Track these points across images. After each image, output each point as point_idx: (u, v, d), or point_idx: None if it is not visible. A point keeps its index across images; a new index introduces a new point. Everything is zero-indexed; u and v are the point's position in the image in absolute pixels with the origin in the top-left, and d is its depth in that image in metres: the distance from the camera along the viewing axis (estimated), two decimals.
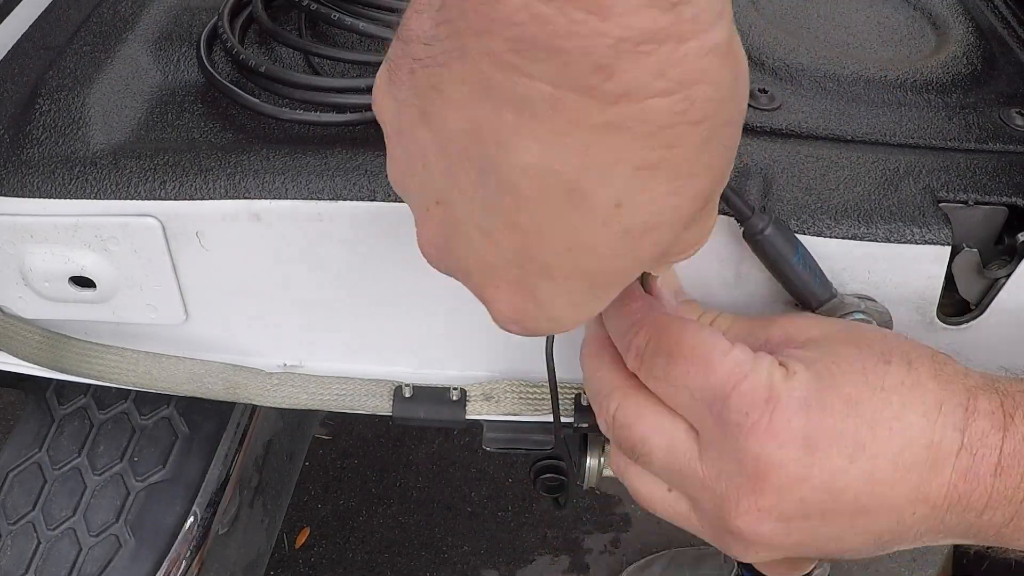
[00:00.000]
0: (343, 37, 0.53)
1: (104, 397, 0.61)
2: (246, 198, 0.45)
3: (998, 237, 0.45)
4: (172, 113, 0.50)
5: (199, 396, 0.52)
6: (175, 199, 0.45)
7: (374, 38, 0.47)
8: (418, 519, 1.50)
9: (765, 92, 0.49)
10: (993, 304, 0.45)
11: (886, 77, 0.50)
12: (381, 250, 0.46)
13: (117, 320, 0.50)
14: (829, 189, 0.44)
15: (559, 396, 0.52)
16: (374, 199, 0.44)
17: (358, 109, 0.46)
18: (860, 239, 0.43)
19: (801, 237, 0.42)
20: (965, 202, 0.44)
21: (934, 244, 0.42)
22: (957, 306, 0.46)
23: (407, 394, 0.51)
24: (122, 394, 0.61)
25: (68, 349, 0.52)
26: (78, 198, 0.45)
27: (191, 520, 0.57)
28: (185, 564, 0.57)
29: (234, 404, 0.61)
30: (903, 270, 0.43)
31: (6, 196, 0.45)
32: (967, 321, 0.46)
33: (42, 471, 0.59)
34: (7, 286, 0.49)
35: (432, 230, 0.31)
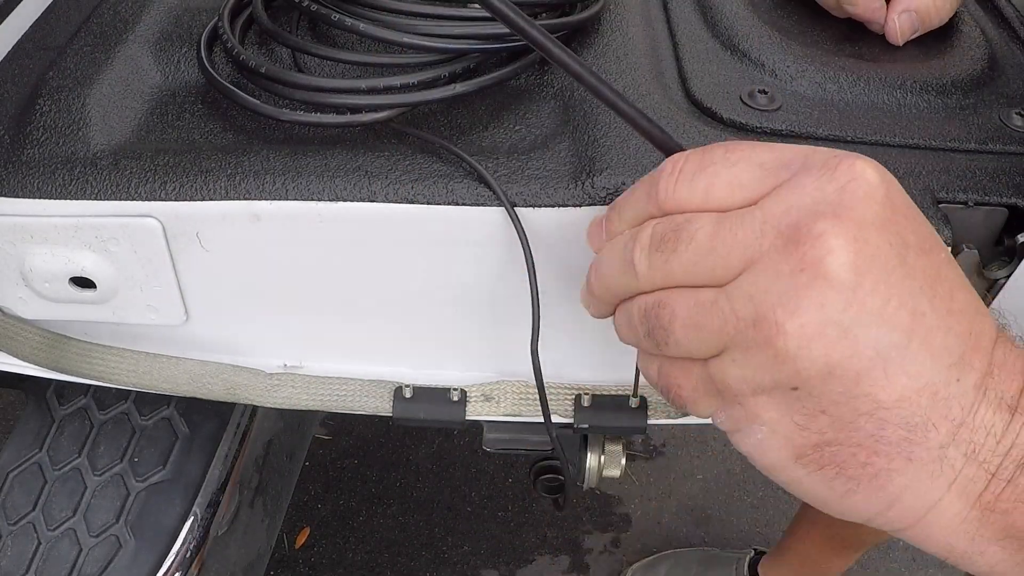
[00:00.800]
0: (343, 38, 0.53)
1: (104, 397, 0.61)
2: (246, 199, 0.45)
3: (998, 238, 0.45)
4: (172, 114, 0.50)
5: (199, 397, 0.52)
6: (175, 200, 0.45)
7: (374, 39, 0.47)
8: (418, 519, 1.50)
9: (765, 93, 0.49)
10: (993, 305, 0.45)
11: (886, 78, 0.50)
12: (381, 251, 0.46)
13: (117, 321, 0.50)
14: None
15: (561, 397, 0.52)
16: (374, 200, 0.44)
17: (358, 110, 0.46)
18: None
19: None
20: (965, 203, 0.44)
21: None
22: None
23: (407, 394, 0.51)
24: (122, 394, 0.61)
25: (68, 349, 0.52)
26: (78, 199, 0.45)
27: (191, 520, 0.57)
28: (185, 564, 0.57)
29: (234, 404, 0.61)
30: None
31: (6, 197, 0.45)
32: None
33: (42, 471, 0.59)
34: (7, 287, 0.49)
35: None
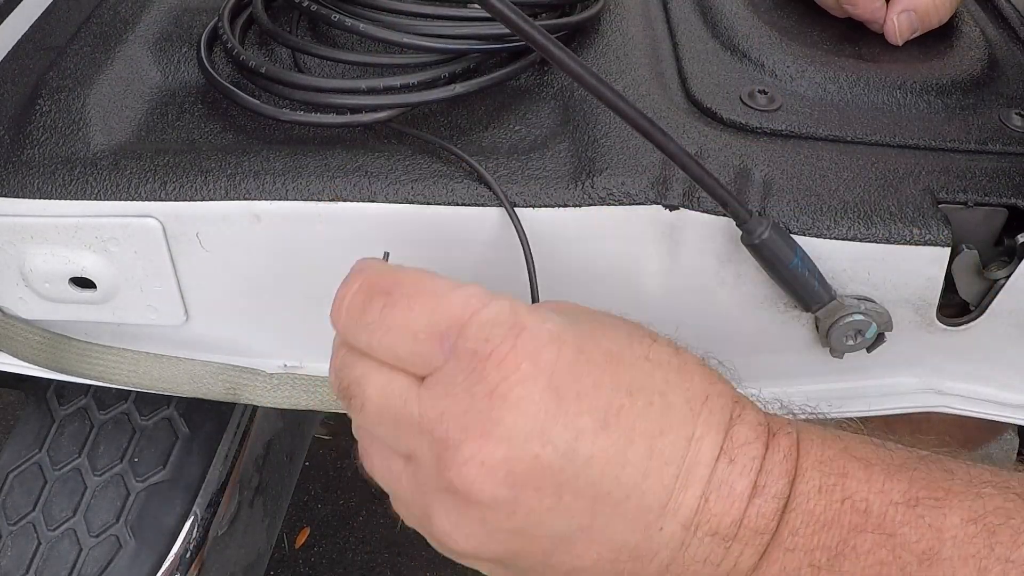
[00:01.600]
0: (343, 38, 0.53)
1: (104, 398, 0.61)
2: (246, 199, 0.45)
3: (998, 238, 0.45)
4: (172, 114, 0.50)
5: (199, 397, 0.52)
6: (175, 200, 0.45)
7: (374, 39, 0.47)
8: None
9: (764, 93, 0.49)
10: (993, 305, 0.45)
11: (886, 78, 0.50)
12: (381, 251, 0.46)
13: (117, 321, 0.50)
14: (828, 190, 0.44)
15: None
16: (374, 200, 0.44)
17: (358, 110, 0.46)
18: (860, 240, 0.43)
19: (800, 238, 0.42)
20: (965, 203, 0.44)
21: (934, 245, 0.42)
22: (957, 307, 0.46)
23: None
24: (122, 395, 0.61)
25: (68, 350, 0.52)
26: (78, 199, 0.45)
27: (191, 520, 0.57)
28: (185, 564, 0.57)
29: (234, 404, 0.61)
30: (903, 271, 0.43)
31: (6, 197, 0.45)
32: (967, 322, 0.46)
33: (42, 471, 0.59)
34: (8, 287, 0.49)
35: None
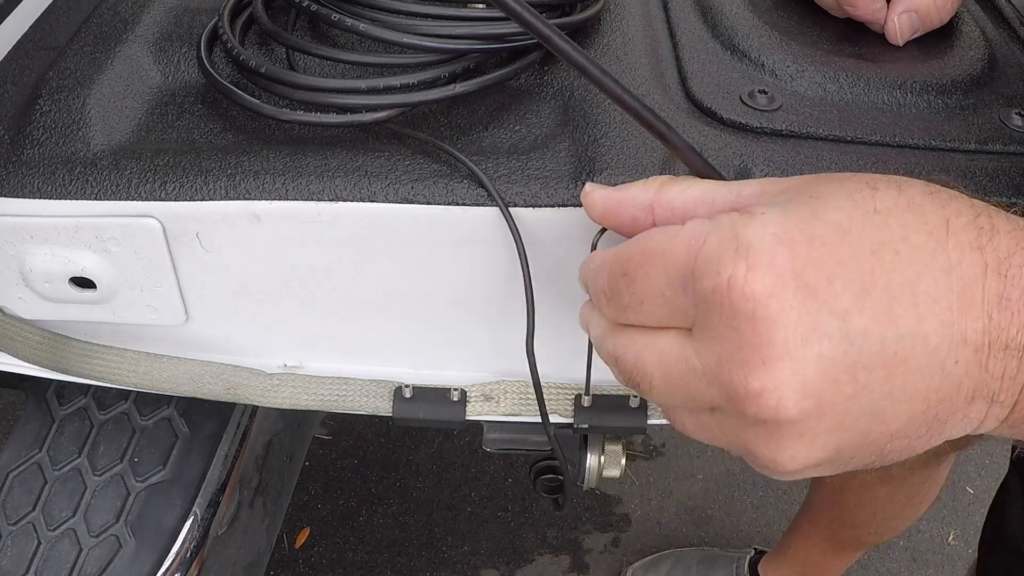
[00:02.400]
0: (343, 38, 0.53)
1: (104, 398, 0.61)
2: (246, 199, 0.45)
3: None
4: (172, 114, 0.50)
5: (199, 397, 0.52)
6: (175, 200, 0.45)
7: (374, 39, 0.47)
8: (418, 519, 1.50)
9: (765, 93, 0.49)
10: None
11: (886, 78, 0.50)
12: (381, 251, 0.46)
13: (117, 321, 0.50)
14: None
15: (561, 397, 0.52)
16: (374, 200, 0.44)
17: (358, 110, 0.46)
18: None
19: None
20: None
21: None
22: None
23: (407, 395, 0.51)
24: (122, 395, 0.61)
25: (68, 350, 0.52)
26: (78, 199, 0.45)
27: (191, 520, 0.57)
28: (185, 564, 0.57)
29: (234, 404, 0.61)
30: None
31: (6, 197, 0.45)
32: None
33: (42, 471, 0.59)
34: (7, 287, 0.49)
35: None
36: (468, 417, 0.52)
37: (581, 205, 0.44)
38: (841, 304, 0.30)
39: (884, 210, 0.31)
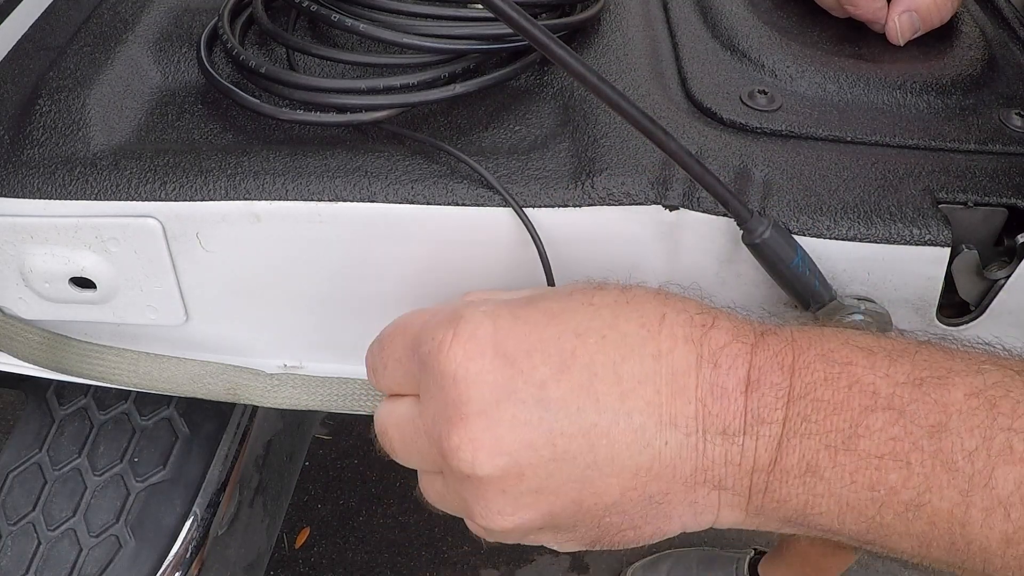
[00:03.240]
0: (343, 38, 0.53)
1: (104, 398, 0.61)
2: (246, 199, 0.45)
3: (997, 238, 0.45)
4: (172, 114, 0.50)
5: (199, 397, 0.52)
6: (175, 200, 0.45)
7: (374, 39, 0.47)
8: (418, 519, 1.50)
9: (765, 93, 0.49)
10: (992, 305, 0.45)
11: (886, 78, 0.50)
12: (381, 251, 0.46)
13: (117, 321, 0.50)
14: (828, 190, 0.44)
15: None
16: (374, 200, 0.44)
17: (358, 110, 0.46)
18: (859, 240, 0.43)
19: (800, 238, 0.42)
20: (965, 203, 0.44)
21: (933, 245, 0.42)
22: (957, 307, 0.46)
23: None
24: (122, 395, 0.61)
25: (68, 350, 0.52)
26: (78, 199, 0.45)
27: (191, 520, 0.57)
28: (185, 564, 0.57)
29: (234, 405, 0.61)
30: (902, 271, 0.43)
31: (6, 197, 0.45)
32: (967, 322, 0.46)
33: (42, 472, 0.59)
34: (7, 287, 0.49)
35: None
36: None
37: (581, 205, 0.44)
38: (538, 375, 0.32)
39: (600, 304, 0.34)
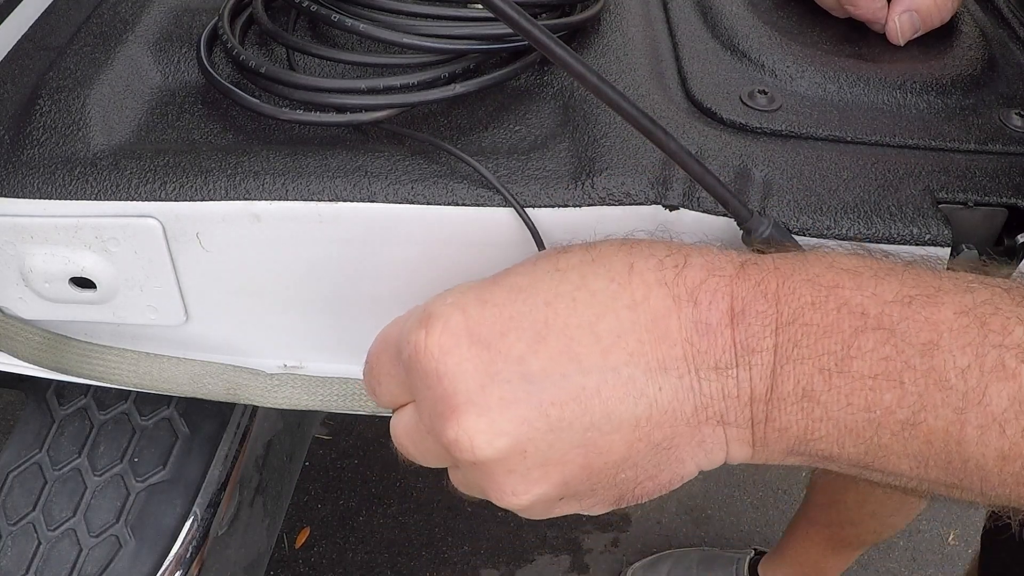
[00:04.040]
0: (343, 38, 0.53)
1: (104, 398, 0.61)
2: (246, 199, 0.45)
3: (998, 238, 0.45)
4: (172, 114, 0.50)
5: (199, 397, 0.52)
6: (175, 200, 0.45)
7: (374, 39, 0.47)
8: (418, 519, 1.50)
9: (764, 93, 0.49)
10: None
11: (886, 78, 0.50)
12: (381, 251, 0.46)
13: (117, 321, 0.50)
14: (829, 190, 0.44)
15: None
16: (374, 200, 0.44)
17: (358, 110, 0.46)
18: (860, 240, 0.43)
19: (800, 238, 0.42)
20: (965, 203, 0.44)
21: (934, 245, 0.42)
22: None
23: None
24: (122, 395, 0.61)
25: (68, 350, 0.52)
26: (78, 199, 0.45)
27: (191, 521, 0.57)
28: (185, 564, 0.57)
29: (234, 405, 0.61)
30: None
31: (6, 197, 0.45)
32: None
33: (42, 472, 0.59)
34: (7, 287, 0.49)
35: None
36: None
37: (581, 205, 0.44)
38: (515, 351, 0.32)
39: (565, 267, 0.34)
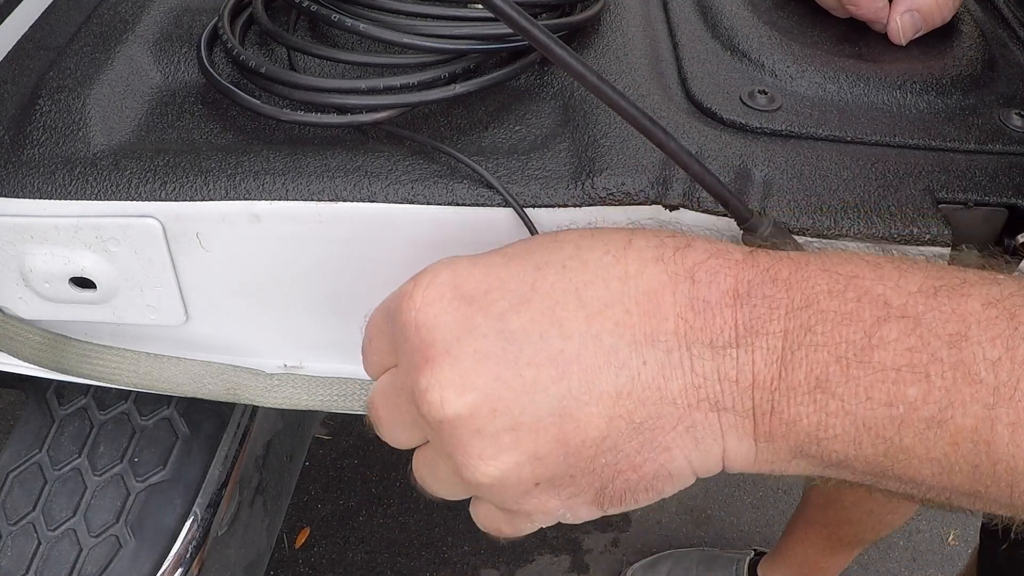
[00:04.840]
0: (343, 38, 0.53)
1: (104, 398, 0.61)
2: (246, 199, 0.45)
3: (998, 238, 0.45)
4: (172, 114, 0.50)
5: (199, 397, 0.52)
6: (175, 200, 0.45)
7: (374, 39, 0.47)
8: (418, 519, 1.50)
9: (765, 93, 0.49)
10: None
11: (886, 78, 0.50)
12: (381, 251, 0.46)
13: (117, 321, 0.50)
14: (829, 190, 0.44)
15: None
16: (374, 200, 0.44)
17: (358, 110, 0.46)
18: (860, 240, 0.43)
19: (800, 238, 0.42)
20: (965, 203, 0.44)
21: (934, 245, 0.42)
22: None
23: None
24: (122, 395, 0.61)
25: (68, 350, 0.52)
26: (78, 199, 0.45)
27: (191, 521, 0.57)
28: (185, 564, 0.57)
29: (234, 405, 0.61)
30: None
31: (6, 197, 0.45)
32: None
33: (42, 472, 0.59)
34: (7, 287, 0.49)
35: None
36: None
37: (581, 205, 0.44)
38: (497, 308, 0.31)
39: (563, 239, 0.33)
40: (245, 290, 0.49)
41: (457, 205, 0.44)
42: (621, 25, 0.55)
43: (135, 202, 0.45)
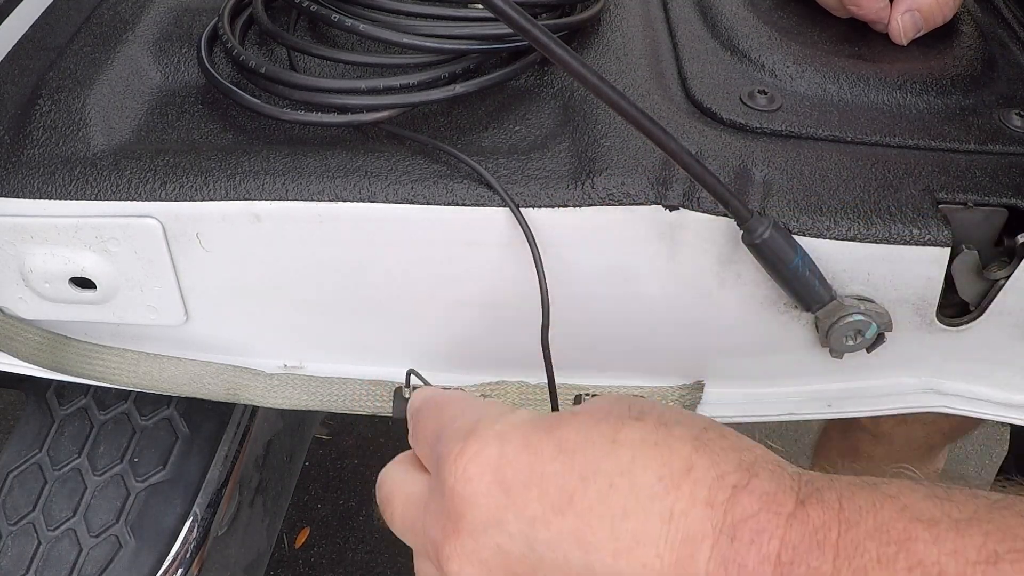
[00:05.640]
0: (344, 38, 0.53)
1: (104, 398, 0.61)
2: (246, 199, 0.45)
3: (997, 238, 0.45)
4: (172, 114, 0.50)
5: (199, 397, 0.52)
6: (175, 200, 0.45)
7: (374, 39, 0.47)
8: None
9: (765, 94, 0.49)
10: (992, 306, 0.45)
11: (885, 78, 0.50)
12: (380, 251, 0.46)
13: (117, 321, 0.50)
14: (829, 190, 0.44)
15: (561, 397, 0.52)
16: (374, 200, 0.44)
17: (358, 110, 0.46)
18: (860, 240, 0.43)
19: (800, 238, 0.42)
20: (965, 203, 0.44)
21: (934, 245, 0.42)
22: (956, 307, 0.46)
23: (407, 395, 0.51)
24: (122, 395, 0.61)
25: (68, 350, 0.52)
26: (78, 199, 0.45)
27: (191, 520, 0.57)
28: (185, 564, 0.57)
29: (234, 405, 0.61)
30: (903, 272, 0.43)
31: (6, 197, 0.45)
32: (966, 323, 0.46)
33: (42, 472, 0.59)
34: (8, 287, 0.49)
35: None
36: None
37: (581, 205, 0.44)
38: (530, 511, 0.31)
39: (624, 442, 0.31)
40: (245, 290, 0.49)
41: (457, 205, 0.44)
42: (621, 25, 0.55)
43: (135, 202, 0.45)
